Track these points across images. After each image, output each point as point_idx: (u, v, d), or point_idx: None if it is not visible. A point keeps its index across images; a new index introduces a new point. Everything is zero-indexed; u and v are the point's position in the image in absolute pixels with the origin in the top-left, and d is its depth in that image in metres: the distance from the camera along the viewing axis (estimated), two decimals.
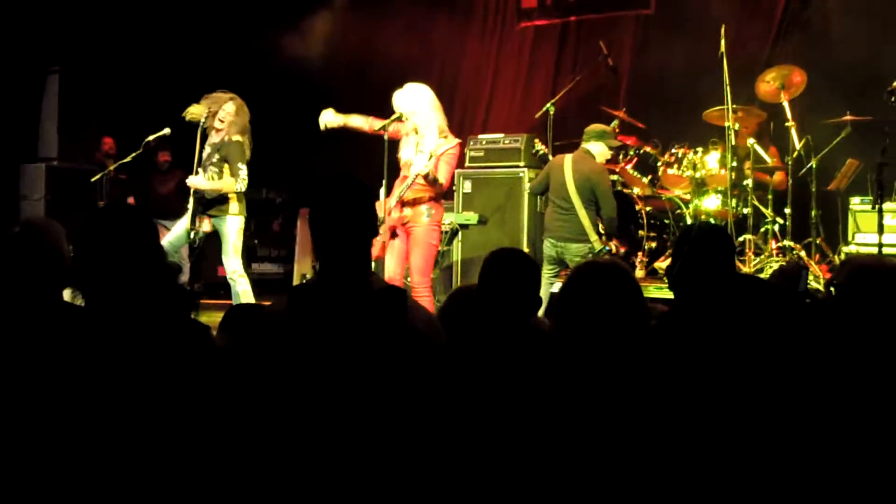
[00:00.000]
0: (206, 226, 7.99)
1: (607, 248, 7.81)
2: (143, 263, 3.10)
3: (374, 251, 7.13)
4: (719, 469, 3.01)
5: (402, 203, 7.14)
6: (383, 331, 3.12)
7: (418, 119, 7.20)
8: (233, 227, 7.99)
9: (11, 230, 3.66)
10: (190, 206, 8.00)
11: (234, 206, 7.98)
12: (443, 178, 7.13)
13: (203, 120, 7.97)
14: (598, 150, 8.01)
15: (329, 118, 7.57)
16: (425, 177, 6.98)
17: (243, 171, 7.89)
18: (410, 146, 7.27)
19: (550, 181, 8.12)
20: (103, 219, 3.19)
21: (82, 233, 3.13)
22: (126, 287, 3.05)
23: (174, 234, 8.09)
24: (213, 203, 7.98)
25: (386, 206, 7.14)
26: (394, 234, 7.24)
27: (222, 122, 7.97)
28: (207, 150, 8.07)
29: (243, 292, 7.88)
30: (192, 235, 7.97)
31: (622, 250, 8.47)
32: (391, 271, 7.20)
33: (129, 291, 3.05)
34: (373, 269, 7.26)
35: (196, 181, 7.92)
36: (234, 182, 7.84)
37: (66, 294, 3.59)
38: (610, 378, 3.03)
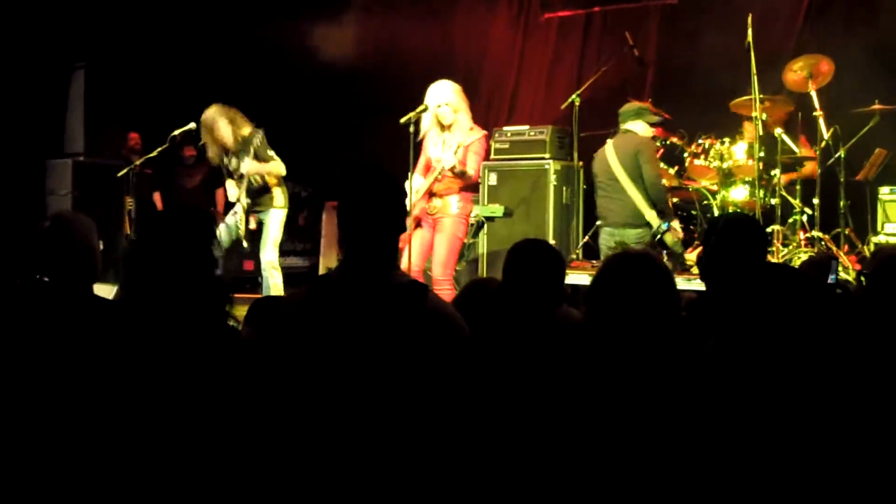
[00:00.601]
0: (251, 224, 8.11)
1: (667, 224, 7.69)
2: (198, 266, 3.13)
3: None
4: (751, 459, 2.99)
5: (431, 194, 7.15)
6: (402, 325, 3.11)
7: (445, 114, 7.20)
8: (276, 219, 8.15)
9: (42, 224, 3.68)
10: (243, 204, 8.09)
11: (279, 199, 8.15)
12: (471, 170, 7.15)
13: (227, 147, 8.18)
14: (641, 129, 7.90)
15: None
16: (452, 169, 6.99)
17: (274, 154, 8.10)
18: (437, 142, 7.28)
19: (595, 170, 8.05)
20: (172, 219, 3.21)
21: (149, 229, 3.17)
22: (173, 286, 3.07)
23: (222, 233, 8.21)
24: (258, 199, 8.08)
25: (412, 198, 7.15)
26: (419, 225, 7.25)
27: (226, 135, 8.13)
28: (234, 160, 8.20)
29: (275, 285, 7.99)
30: (244, 241, 8.08)
31: (681, 234, 8.22)
32: (414, 262, 7.21)
33: (174, 290, 3.07)
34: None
35: (250, 165, 8.02)
36: (279, 165, 7.92)
37: (101, 289, 3.62)
38: (640, 369, 3.01)
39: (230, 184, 8.29)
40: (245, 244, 8.17)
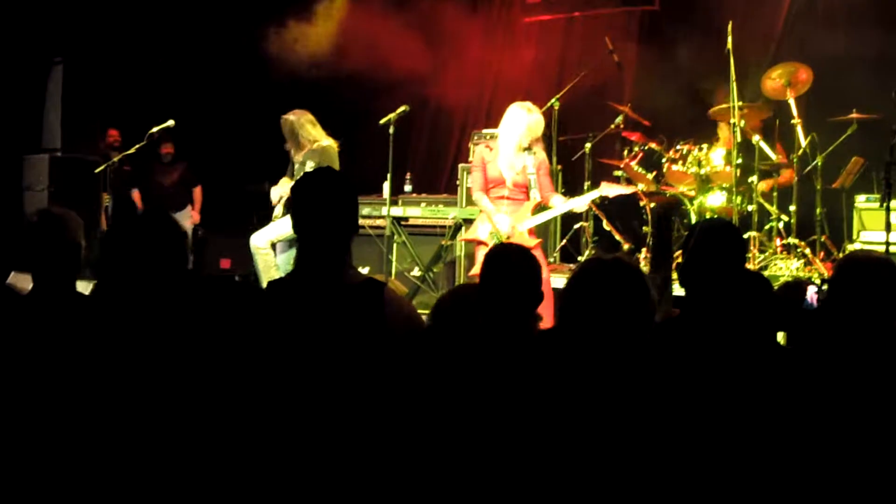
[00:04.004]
0: None
1: None
2: (170, 270, 3.17)
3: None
4: (720, 472, 3.00)
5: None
6: (356, 324, 3.15)
7: (538, 140, 7.35)
8: (286, 221, 8.20)
9: (30, 218, 3.69)
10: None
11: None
12: None
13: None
14: None
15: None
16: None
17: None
18: (508, 161, 7.25)
19: None
20: (140, 226, 3.26)
21: (116, 235, 3.23)
22: (147, 286, 3.12)
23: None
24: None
25: (511, 230, 7.17)
26: None
27: (286, 133, 8.42)
28: (297, 167, 8.40)
29: (265, 267, 8.09)
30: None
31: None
32: None
33: (148, 289, 3.11)
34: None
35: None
36: None
37: (79, 285, 3.65)
38: (612, 375, 3.01)
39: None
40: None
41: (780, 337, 5.12)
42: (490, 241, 7.19)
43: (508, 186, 7.18)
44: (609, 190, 7.42)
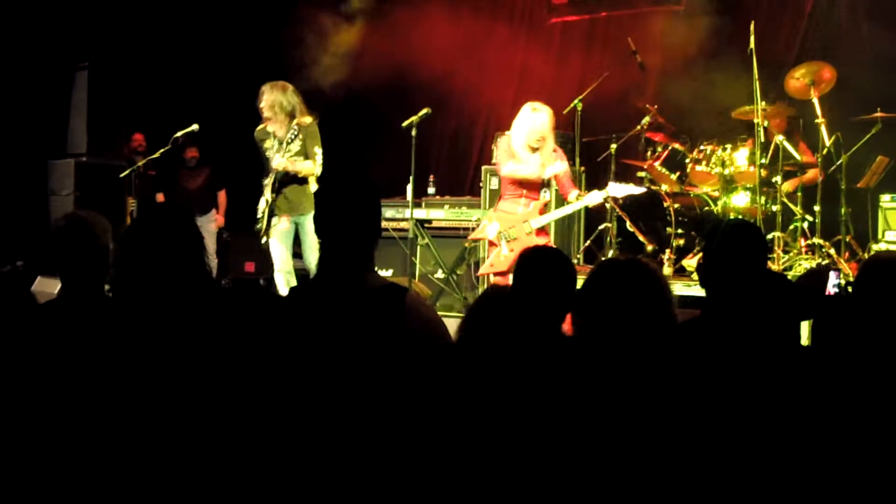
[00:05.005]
0: (284, 223, 7.83)
1: None
2: (186, 266, 3.19)
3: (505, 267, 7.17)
4: (744, 473, 2.99)
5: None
6: (377, 328, 3.14)
7: (550, 139, 7.41)
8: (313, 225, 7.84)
9: (58, 222, 3.73)
10: (267, 198, 7.93)
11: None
12: None
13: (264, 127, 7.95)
14: None
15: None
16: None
17: (319, 154, 7.80)
18: (528, 162, 7.28)
19: None
20: (154, 221, 3.27)
21: (132, 231, 3.24)
22: (164, 287, 3.13)
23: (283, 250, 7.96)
24: (295, 203, 7.85)
25: (530, 226, 7.18)
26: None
27: (272, 109, 7.82)
28: (275, 143, 7.90)
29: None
30: (263, 238, 7.94)
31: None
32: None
33: (166, 291, 3.13)
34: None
35: (280, 162, 7.75)
36: (313, 166, 7.75)
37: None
38: (631, 379, 3.00)
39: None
40: (263, 239, 7.96)
41: (805, 325, 5.12)
42: (498, 241, 7.22)
43: (526, 185, 7.22)
44: (617, 190, 7.37)
